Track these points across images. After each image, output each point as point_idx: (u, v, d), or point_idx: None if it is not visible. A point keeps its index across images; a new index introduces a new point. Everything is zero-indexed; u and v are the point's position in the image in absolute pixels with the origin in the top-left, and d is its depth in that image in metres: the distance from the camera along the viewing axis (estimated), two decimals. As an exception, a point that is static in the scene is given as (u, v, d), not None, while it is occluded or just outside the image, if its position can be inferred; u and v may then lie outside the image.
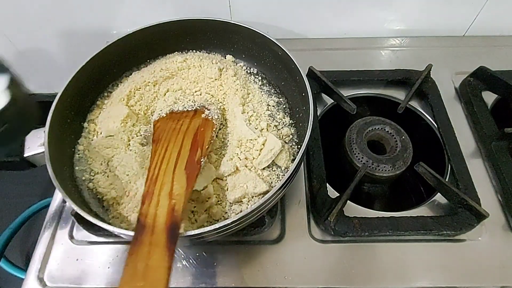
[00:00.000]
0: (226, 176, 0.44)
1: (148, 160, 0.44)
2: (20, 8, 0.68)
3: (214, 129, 0.44)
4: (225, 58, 0.57)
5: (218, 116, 0.47)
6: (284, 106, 0.53)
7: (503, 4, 0.68)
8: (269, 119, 0.50)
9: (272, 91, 0.55)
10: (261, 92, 0.54)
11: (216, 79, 0.52)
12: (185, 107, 0.47)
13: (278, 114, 0.51)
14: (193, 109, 0.47)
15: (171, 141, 0.41)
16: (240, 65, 0.57)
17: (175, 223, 0.33)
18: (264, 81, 0.56)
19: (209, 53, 0.58)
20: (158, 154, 0.40)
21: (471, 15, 0.71)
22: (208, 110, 0.47)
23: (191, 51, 0.58)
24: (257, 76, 0.56)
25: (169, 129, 0.43)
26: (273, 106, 0.52)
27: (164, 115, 0.46)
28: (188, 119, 0.44)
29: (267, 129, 0.47)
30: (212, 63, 0.53)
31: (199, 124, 0.44)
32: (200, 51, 0.58)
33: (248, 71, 0.57)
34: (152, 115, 0.49)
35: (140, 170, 0.44)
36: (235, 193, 0.42)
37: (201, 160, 0.40)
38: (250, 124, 0.48)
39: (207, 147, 0.42)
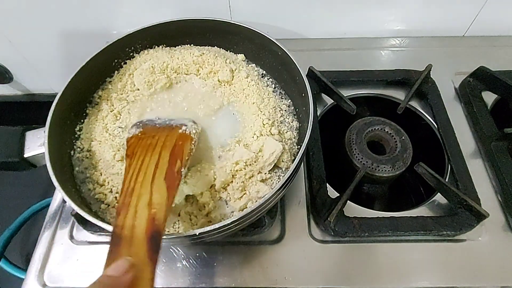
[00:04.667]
0: (227, 185, 0.43)
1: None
2: (20, 8, 0.68)
3: (193, 142, 0.42)
4: (237, 56, 0.56)
5: (196, 130, 0.44)
6: (292, 108, 0.52)
7: (503, 4, 0.68)
8: (280, 125, 0.48)
9: (283, 93, 0.54)
10: (275, 96, 0.52)
11: (227, 82, 0.52)
12: (160, 123, 0.44)
13: (288, 118, 0.50)
14: (169, 124, 0.44)
15: (147, 155, 0.37)
16: (252, 66, 0.56)
17: (157, 231, 0.30)
18: (276, 84, 0.55)
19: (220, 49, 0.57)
20: (133, 167, 0.36)
21: (471, 15, 0.71)
22: (186, 125, 0.44)
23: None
24: (269, 78, 0.55)
25: (144, 145, 0.39)
26: (285, 110, 0.51)
27: (138, 133, 0.42)
28: (165, 134, 0.41)
29: (274, 136, 0.46)
30: (226, 63, 0.53)
31: (177, 138, 0.41)
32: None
33: (260, 73, 0.55)
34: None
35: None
36: (239, 203, 0.42)
37: (182, 170, 0.37)
38: (261, 135, 0.46)
39: (186, 158, 0.39)
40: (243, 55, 0.56)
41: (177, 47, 0.56)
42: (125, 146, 0.44)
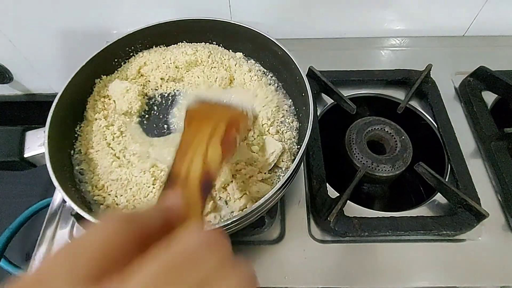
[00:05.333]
0: (226, 185, 0.43)
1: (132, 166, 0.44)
2: (20, 8, 0.68)
3: (248, 122, 0.43)
4: (235, 54, 0.56)
5: (252, 114, 0.45)
6: (293, 109, 0.52)
7: (503, 4, 0.68)
8: (280, 125, 0.48)
9: (285, 93, 0.53)
10: (278, 95, 0.51)
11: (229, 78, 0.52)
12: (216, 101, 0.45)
13: (288, 119, 0.50)
14: (226, 103, 0.45)
15: (205, 122, 0.38)
16: (252, 62, 0.56)
17: (210, 181, 0.31)
18: (278, 83, 0.54)
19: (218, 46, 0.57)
20: (192, 130, 0.37)
21: (471, 15, 0.71)
22: (241, 107, 0.44)
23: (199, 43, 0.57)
24: (272, 76, 0.55)
25: (202, 115, 0.40)
26: (286, 110, 0.50)
27: (197, 106, 0.42)
28: (222, 109, 0.42)
29: (273, 135, 0.46)
30: (225, 58, 0.53)
31: (233, 114, 0.41)
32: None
33: (262, 70, 0.55)
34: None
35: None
36: (239, 203, 0.42)
37: (237, 138, 0.38)
38: (260, 134, 0.46)
39: (243, 132, 0.40)
40: (241, 53, 0.56)
41: (171, 46, 0.56)
42: (126, 150, 0.45)
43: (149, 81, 0.53)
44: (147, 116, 0.51)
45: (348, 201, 0.51)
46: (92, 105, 0.50)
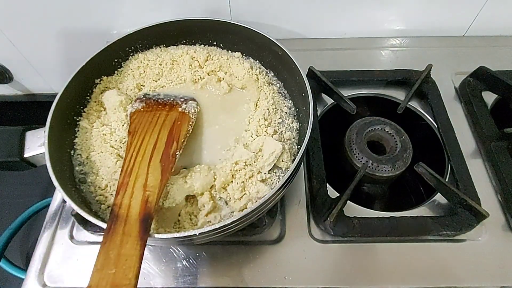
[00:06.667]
0: (227, 186, 0.43)
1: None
2: (20, 8, 0.68)
3: (190, 123, 0.45)
4: (234, 54, 0.56)
5: (195, 110, 0.47)
6: (293, 110, 0.51)
7: (503, 4, 0.68)
8: (278, 125, 0.48)
9: (285, 93, 0.53)
10: (279, 96, 0.51)
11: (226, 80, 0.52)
12: (162, 98, 0.48)
13: (288, 120, 0.50)
14: (170, 100, 0.47)
15: (147, 133, 0.41)
16: (251, 60, 0.56)
17: (148, 214, 0.34)
18: (279, 83, 0.54)
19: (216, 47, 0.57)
20: (134, 146, 0.40)
21: (471, 15, 0.71)
22: (186, 104, 0.47)
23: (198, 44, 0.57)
24: (273, 76, 0.54)
25: (145, 122, 0.43)
26: (285, 112, 0.50)
27: (141, 108, 0.46)
28: (165, 112, 0.45)
29: (272, 136, 0.46)
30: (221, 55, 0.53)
31: (176, 118, 0.44)
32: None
33: (262, 68, 0.55)
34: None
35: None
36: (239, 203, 0.42)
37: (176, 153, 0.40)
38: (257, 135, 0.46)
39: (182, 140, 0.42)
40: (239, 53, 0.56)
41: (170, 46, 0.56)
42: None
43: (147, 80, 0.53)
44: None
45: (348, 201, 0.51)
46: (86, 115, 0.49)
